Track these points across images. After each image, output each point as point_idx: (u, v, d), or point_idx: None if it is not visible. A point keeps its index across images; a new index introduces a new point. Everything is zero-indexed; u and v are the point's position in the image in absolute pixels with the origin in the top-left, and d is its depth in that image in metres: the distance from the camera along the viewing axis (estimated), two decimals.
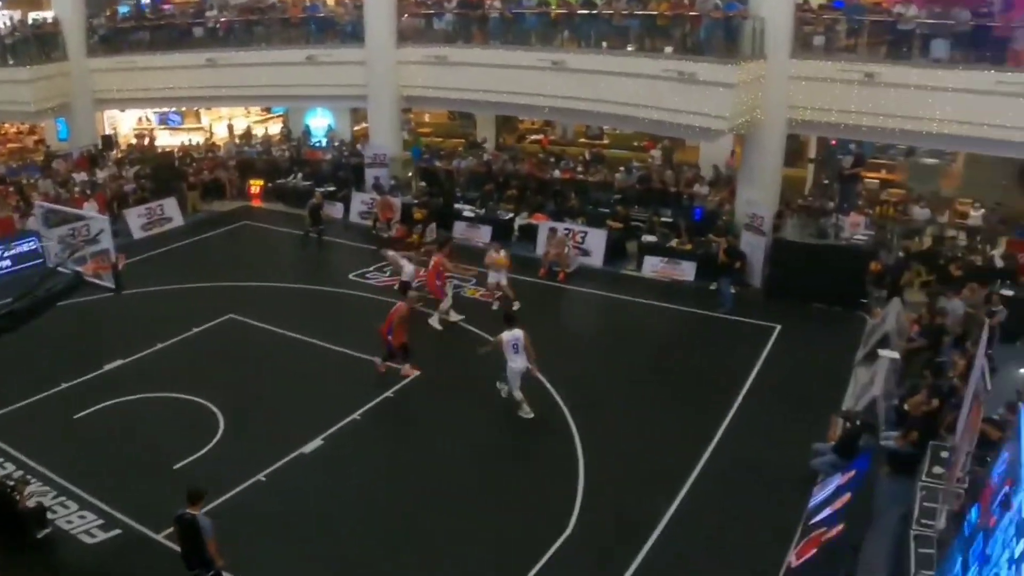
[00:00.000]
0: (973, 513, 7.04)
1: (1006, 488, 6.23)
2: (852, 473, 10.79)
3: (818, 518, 10.28)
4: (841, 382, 14.66)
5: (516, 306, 17.34)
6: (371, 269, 20.14)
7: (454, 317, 17.30)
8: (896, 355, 14.02)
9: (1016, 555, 5.33)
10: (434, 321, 17.01)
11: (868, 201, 20.87)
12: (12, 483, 10.89)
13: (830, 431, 12.09)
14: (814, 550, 9.54)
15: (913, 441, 11.78)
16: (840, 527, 9.54)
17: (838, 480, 10.92)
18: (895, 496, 10.95)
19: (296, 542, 10.79)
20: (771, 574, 9.87)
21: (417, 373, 14.80)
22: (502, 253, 18.11)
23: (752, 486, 11.77)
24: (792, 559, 9.83)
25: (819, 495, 10.99)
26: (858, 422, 11.83)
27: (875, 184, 22.78)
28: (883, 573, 9.76)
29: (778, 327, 16.78)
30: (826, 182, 21.92)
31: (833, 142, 22.64)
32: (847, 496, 10.21)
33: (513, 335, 13.35)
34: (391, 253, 18.52)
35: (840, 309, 17.46)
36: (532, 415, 13.42)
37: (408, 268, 17.38)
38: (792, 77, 18.85)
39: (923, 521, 9.88)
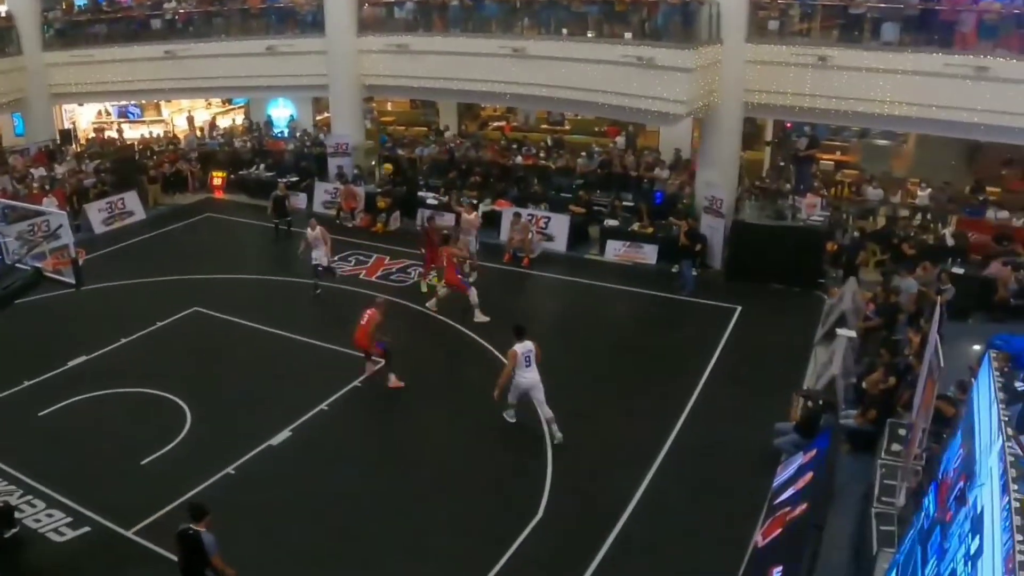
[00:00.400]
0: (931, 505, 7.20)
1: (961, 483, 6.39)
2: (814, 452, 10.95)
3: (782, 497, 10.45)
4: (802, 361, 14.99)
5: (473, 277, 17.80)
6: (335, 259, 20.07)
7: (480, 318, 16.63)
8: (853, 334, 14.30)
9: (972, 551, 5.46)
10: (479, 317, 16.61)
11: (823, 182, 21.19)
12: None
13: (792, 410, 12.36)
14: (779, 529, 9.67)
15: (872, 419, 12.09)
16: (804, 506, 9.66)
17: (800, 459, 11.09)
18: (856, 474, 11.27)
19: (267, 533, 10.79)
20: (739, 553, 10.02)
21: (402, 385, 14.35)
22: (475, 214, 18.19)
23: (718, 466, 11.99)
24: (759, 539, 9.98)
25: (782, 474, 11.18)
26: (820, 401, 12.08)
27: (830, 166, 23.12)
28: (847, 551, 10.06)
29: (739, 308, 17.08)
30: (782, 164, 22.23)
31: (788, 125, 22.91)
32: (809, 475, 10.37)
33: (525, 347, 12.53)
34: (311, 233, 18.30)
35: (799, 289, 17.82)
36: (515, 420, 13.15)
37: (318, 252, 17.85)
38: (748, 61, 19.07)
39: (883, 499, 10.17)
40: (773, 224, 18.30)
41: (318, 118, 30.13)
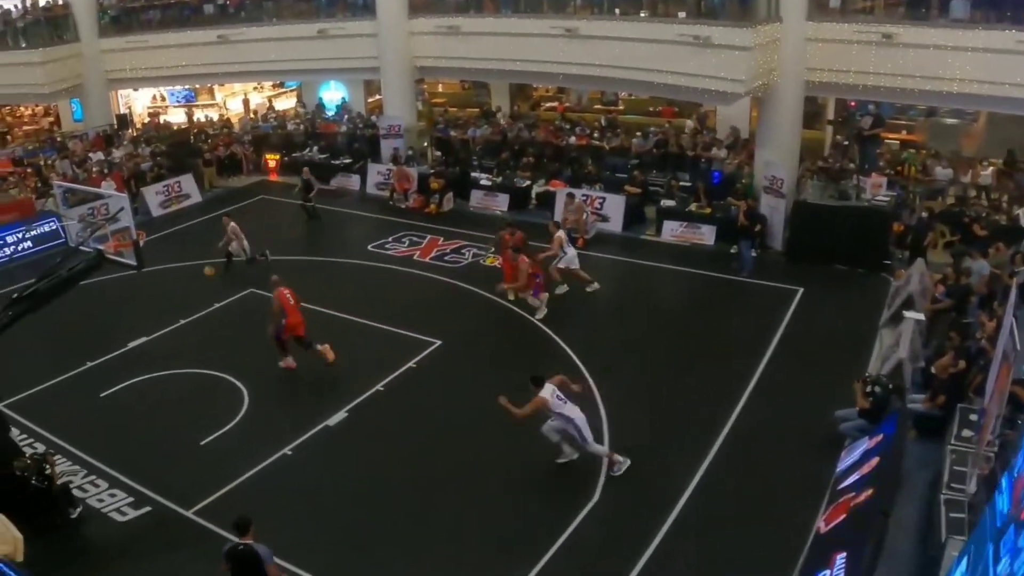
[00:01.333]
0: (1005, 503, 6.90)
1: None
2: (880, 437, 10.63)
3: (847, 483, 10.16)
4: (866, 344, 14.55)
5: (563, 288, 16.89)
6: (389, 239, 20.13)
7: (540, 314, 16.08)
8: (921, 316, 13.87)
9: None
10: (540, 314, 16.02)
11: (889, 162, 20.57)
12: (43, 460, 10.90)
13: (857, 396, 11.99)
14: (843, 515, 9.40)
15: (940, 404, 11.72)
16: (869, 492, 9.37)
17: (865, 444, 10.78)
18: (923, 460, 10.94)
19: (323, 514, 10.83)
20: (799, 539, 9.79)
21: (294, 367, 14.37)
22: (560, 232, 17.16)
23: (778, 451, 11.70)
24: (821, 525, 9.73)
25: (847, 459, 10.87)
26: (890, 386, 11.70)
27: (896, 145, 22.45)
28: (913, 537, 9.75)
29: (800, 290, 16.65)
30: (845, 143, 21.63)
31: (852, 103, 22.32)
32: (875, 460, 10.06)
33: (550, 390, 11.01)
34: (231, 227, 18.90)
35: (863, 271, 17.33)
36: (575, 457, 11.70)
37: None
38: (809, 39, 18.56)
39: (953, 485, 9.83)
40: (837, 204, 17.79)
41: (369, 100, 30.12)
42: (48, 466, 10.80)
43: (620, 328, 15.69)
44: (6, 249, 20.50)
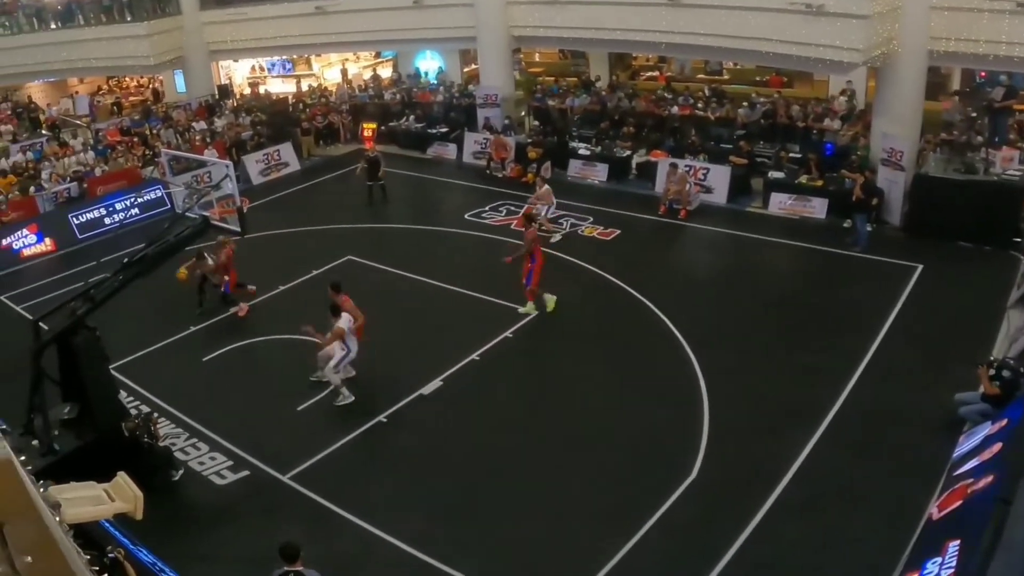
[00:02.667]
0: None
1: None
2: (1004, 422, 9.92)
3: (964, 468, 9.55)
4: (991, 326, 13.57)
5: (557, 238, 17.82)
6: (486, 208, 19.89)
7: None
8: None
9: None
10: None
11: (1021, 135, 19.23)
12: (149, 422, 11.10)
13: (982, 380, 11.16)
14: (959, 502, 8.84)
15: None
16: (989, 478, 8.75)
17: (987, 429, 10.11)
18: None
19: (416, 483, 10.78)
20: (910, 524, 9.24)
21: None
22: (547, 187, 18.40)
23: (890, 432, 11.04)
24: (934, 511, 9.16)
25: (965, 444, 10.23)
26: (1020, 369, 10.85)
27: None
28: None
29: (920, 267, 15.68)
30: (973, 115, 20.31)
31: (982, 74, 20.98)
32: (998, 446, 9.40)
33: (347, 320, 12.30)
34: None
35: (990, 248, 16.19)
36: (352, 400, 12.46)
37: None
38: (933, 7, 17.46)
39: None
40: (962, 178, 16.70)
41: (466, 70, 29.88)
42: (153, 427, 11.01)
43: (724, 303, 15.06)
44: (115, 216, 21.05)
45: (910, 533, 9.11)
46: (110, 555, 7.30)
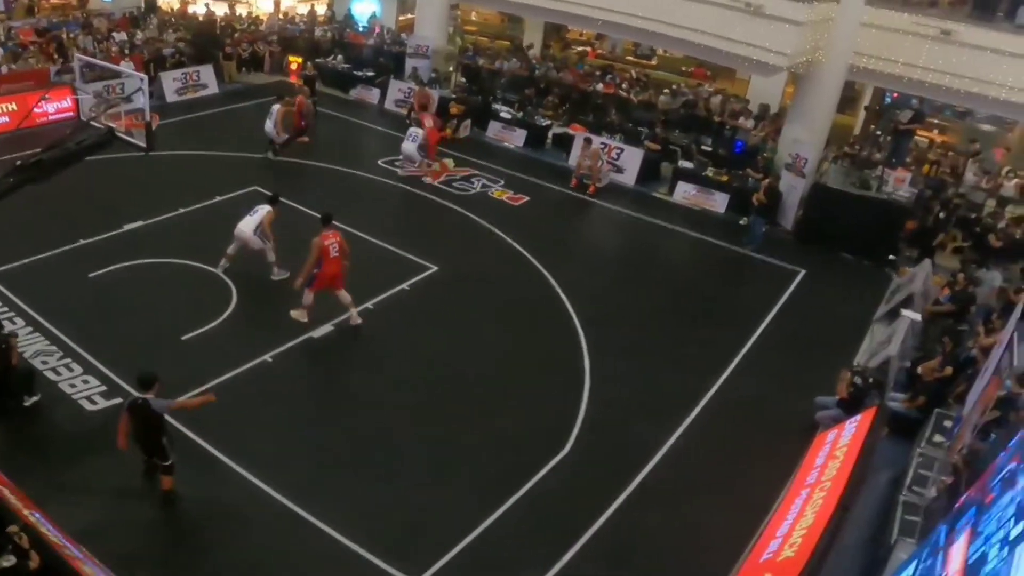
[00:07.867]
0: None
1: (1012, 464, 6.06)
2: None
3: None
4: (857, 335, 14.45)
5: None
6: (399, 158, 19.76)
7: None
8: (918, 316, 13.74)
9: (1012, 536, 5.15)
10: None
11: (916, 159, 20.23)
12: (4, 341, 10.38)
13: (839, 384, 11.93)
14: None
15: (920, 406, 11.69)
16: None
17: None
18: (890, 458, 10.89)
19: (291, 428, 10.72)
20: (758, 518, 9.78)
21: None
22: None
23: (753, 428, 11.67)
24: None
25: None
26: (870, 379, 11.65)
27: (926, 143, 22.07)
28: (864, 533, 9.76)
29: (802, 272, 16.53)
30: (877, 133, 21.24)
31: (894, 95, 21.89)
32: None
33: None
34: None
35: (869, 263, 17.15)
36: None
37: None
38: (863, 24, 18.17)
39: (914, 488, 9.88)
40: (857, 192, 17.48)
41: (400, 18, 29.51)
42: (8, 348, 10.32)
43: (617, 283, 15.56)
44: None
45: (759, 525, 9.59)
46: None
